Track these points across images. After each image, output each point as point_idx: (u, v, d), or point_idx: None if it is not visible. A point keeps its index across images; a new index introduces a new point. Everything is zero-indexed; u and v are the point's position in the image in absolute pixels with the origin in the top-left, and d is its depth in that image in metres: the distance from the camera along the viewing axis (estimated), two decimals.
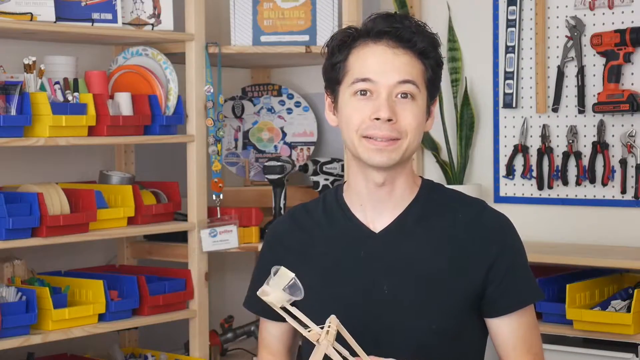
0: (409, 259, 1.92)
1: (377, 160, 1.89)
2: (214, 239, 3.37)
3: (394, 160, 1.89)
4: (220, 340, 3.65)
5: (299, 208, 2.08)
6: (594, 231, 3.41)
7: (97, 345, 3.46)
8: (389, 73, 1.89)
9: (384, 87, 1.88)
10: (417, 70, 1.90)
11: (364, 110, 1.89)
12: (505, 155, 3.60)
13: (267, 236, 2.10)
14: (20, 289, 2.94)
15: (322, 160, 3.68)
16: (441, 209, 1.97)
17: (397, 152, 1.89)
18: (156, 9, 3.36)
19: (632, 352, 2.98)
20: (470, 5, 3.66)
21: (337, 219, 2.00)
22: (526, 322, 1.96)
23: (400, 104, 1.89)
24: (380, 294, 1.91)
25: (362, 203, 1.97)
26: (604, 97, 3.31)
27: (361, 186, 1.96)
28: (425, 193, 1.98)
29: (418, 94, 1.90)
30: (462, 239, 1.93)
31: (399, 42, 1.89)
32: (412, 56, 1.90)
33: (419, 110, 1.91)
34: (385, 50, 1.90)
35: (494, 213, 1.99)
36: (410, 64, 1.89)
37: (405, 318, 1.90)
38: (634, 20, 3.31)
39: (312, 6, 3.53)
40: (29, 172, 3.32)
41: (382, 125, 1.87)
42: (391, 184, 1.94)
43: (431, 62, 1.92)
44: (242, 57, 3.65)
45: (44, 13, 3.06)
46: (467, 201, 2.00)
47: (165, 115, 3.31)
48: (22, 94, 2.91)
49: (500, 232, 1.95)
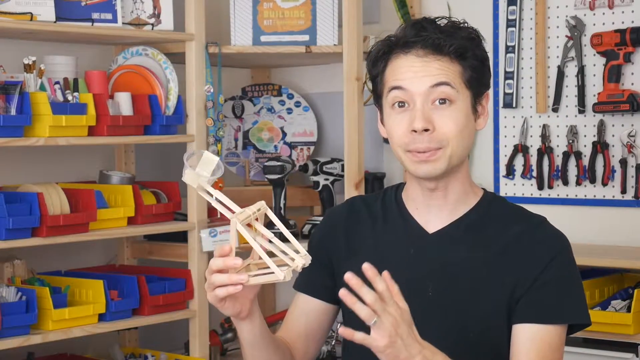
0: (457, 264, 1.90)
1: (422, 172, 1.88)
2: (214, 239, 3.37)
3: (440, 169, 1.87)
4: (220, 340, 3.65)
5: (358, 199, 2.08)
6: (594, 231, 3.41)
7: (97, 345, 3.46)
8: (420, 79, 1.86)
9: (418, 95, 1.86)
10: (452, 73, 1.87)
11: (403, 123, 1.87)
12: (505, 155, 3.60)
13: (324, 219, 2.11)
14: (20, 289, 2.94)
15: (322, 160, 3.68)
16: (498, 220, 1.94)
17: (441, 161, 1.87)
18: (156, 8, 3.36)
19: (632, 352, 2.98)
20: (470, 5, 3.66)
21: (394, 216, 1.99)
22: (548, 341, 1.87)
23: (437, 110, 1.86)
24: (424, 294, 1.89)
25: (418, 207, 1.96)
26: (604, 97, 3.31)
27: (416, 192, 1.96)
28: (484, 204, 1.96)
29: (457, 96, 1.87)
30: (513, 251, 1.88)
31: (427, 50, 1.87)
32: (445, 61, 1.87)
33: (460, 113, 1.87)
34: (415, 60, 1.88)
35: (551, 229, 1.95)
36: (442, 68, 1.87)
37: (444, 322, 1.88)
38: (634, 20, 3.31)
39: (312, 6, 3.53)
40: (29, 172, 3.32)
41: (420, 137, 1.85)
42: (444, 189, 1.92)
43: (470, 61, 1.89)
44: (242, 57, 3.64)
45: (44, 13, 3.06)
46: (526, 215, 1.97)
47: (165, 115, 3.31)
48: (22, 93, 2.91)
49: (553, 248, 1.89)
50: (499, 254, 1.89)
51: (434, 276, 1.91)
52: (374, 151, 3.81)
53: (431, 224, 1.95)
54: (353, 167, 3.49)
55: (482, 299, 1.87)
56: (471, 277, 1.89)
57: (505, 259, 1.89)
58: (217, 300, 1.77)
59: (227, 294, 1.74)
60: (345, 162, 3.51)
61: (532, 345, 1.86)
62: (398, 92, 1.88)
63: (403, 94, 1.88)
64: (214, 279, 1.74)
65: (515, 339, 1.88)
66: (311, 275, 2.01)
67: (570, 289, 1.91)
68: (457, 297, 1.89)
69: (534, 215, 1.97)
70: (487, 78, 1.95)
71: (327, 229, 2.06)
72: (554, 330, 1.88)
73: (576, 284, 1.93)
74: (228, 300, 1.78)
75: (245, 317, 1.84)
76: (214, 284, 1.74)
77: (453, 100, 1.87)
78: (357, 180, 3.49)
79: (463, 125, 1.88)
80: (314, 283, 2.03)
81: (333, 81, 3.80)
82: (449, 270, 1.91)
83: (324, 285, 2.02)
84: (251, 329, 1.87)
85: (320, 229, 2.09)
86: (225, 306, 1.80)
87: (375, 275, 1.63)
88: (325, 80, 3.94)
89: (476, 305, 1.88)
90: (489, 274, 1.88)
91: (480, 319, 1.88)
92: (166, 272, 3.41)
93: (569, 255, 1.93)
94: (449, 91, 1.86)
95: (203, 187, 1.71)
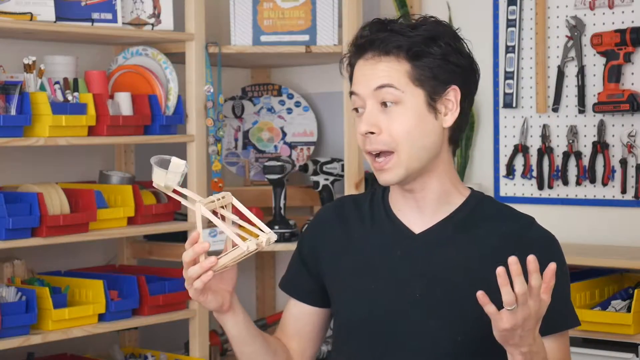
0: (444, 265, 1.89)
1: (381, 180, 1.89)
2: (214, 239, 3.37)
3: (399, 175, 1.87)
4: (220, 340, 3.64)
5: (347, 198, 2.08)
6: (594, 231, 3.41)
7: (97, 345, 3.46)
8: (367, 82, 1.87)
9: (366, 98, 1.87)
10: (397, 73, 1.85)
11: (359, 127, 1.89)
12: (506, 155, 3.60)
13: (313, 218, 2.11)
14: (20, 289, 2.94)
15: (322, 160, 3.68)
16: (486, 220, 1.93)
17: (399, 166, 1.86)
18: (156, 8, 3.36)
19: (632, 352, 2.98)
20: (470, 5, 3.66)
21: (380, 216, 1.98)
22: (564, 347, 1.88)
23: (385, 113, 1.86)
24: (412, 295, 1.89)
25: (400, 208, 1.96)
26: (604, 97, 3.31)
27: (396, 194, 1.96)
28: (472, 203, 1.95)
29: (404, 97, 1.85)
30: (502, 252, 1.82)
31: (374, 52, 1.88)
32: (391, 61, 1.86)
33: (410, 112, 1.85)
34: (364, 64, 1.89)
35: (541, 230, 1.93)
36: (387, 69, 1.86)
37: (432, 323, 1.88)
38: (634, 20, 3.31)
39: (312, 6, 3.53)
40: (29, 172, 3.32)
41: (368, 139, 1.87)
42: (422, 190, 1.92)
43: (423, 59, 1.86)
44: (242, 57, 3.64)
45: (43, 13, 3.06)
46: (515, 215, 1.95)
47: (165, 115, 3.31)
48: (22, 93, 2.91)
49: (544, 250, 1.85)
50: (488, 253, 1.88)
51: (421, 277, 1.90)
52: None
53: (416, 225, 1.94)
54: (353, 167, 3.49)
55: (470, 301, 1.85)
56: (459, 278, 1.88)
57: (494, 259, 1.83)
58: (198, 294, 1.82)
59: (203, 284, 1.78)
60: (345, 162, 3.51)
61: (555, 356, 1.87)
62: (354, 97, 1.90)
63: (357, 99, 1.90)
64: (189, 273, 1.79)
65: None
66: (298, 279, 2.04)
67: (566, 294, 1.92)
68: (445, 298, 1.88)
69: (523, 215, 1.96)
70: (451, 73, 1.88)
71: (316, 228, 2.06)
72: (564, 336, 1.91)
73: (568, 287, 1.94)
74: (209, 294, 1.84)
75: (227, 309, 1.88)
76: (190, 278, 1.79)
77: (398, 102, 1.86)
78: (357, 180, 3.49)
79: (412, 126, 1.86)
80: (302, 288, 2.04)
81: (333, 81, 3.79)
82: (436, 272, 1.90)
83: (310, 290, 2.03)
84: (235, 323, 1.91)
85: (309, 229, 2.09)
86: (208, 300, 1.85)
87: (536, 270, 1.65)
88: (325, 80, 3.94)
89: (464, 308, 1.87)
90: (477, 274, 1.86)
91: (468, 323, 1.86)
92: (166, 272, 3.41)
93: (560, 258, 1.91)
94: (392, 92, 1.86)
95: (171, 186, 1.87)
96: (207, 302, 1.85)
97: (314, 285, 2.02)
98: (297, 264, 2.06)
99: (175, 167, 1.89)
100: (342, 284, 1.96)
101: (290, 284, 2.07)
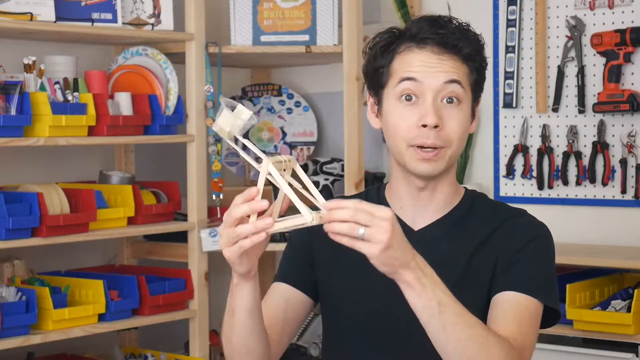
0: (443, 260, 1.88)
1: (422, 170, 1.87)
2: (213, 239, 3.37)
3: (439, 169, 1.87)
4: (220, 340, 3.64)
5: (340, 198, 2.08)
6: (594, 231, 3.41)
7: (97, 345, 3.46)
8: (435, 74, 1.85)
9: (430, 90, 1.85)
10: (462, 73, 1.88)
11: (411, 118, 1.85)
12: (506, 155, 3.60)
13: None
14: (20, 289, 2.94)
15: (322, 160, 3.68)
16: (482, 217, 1.94)
17: (442, 161, 1.86)
18: (156, 8, 3.36)
19: (632, 352, 2.98)
20: (470, 5, 3.66)
21: None
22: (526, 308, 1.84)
23: (446, 109, 1.86)
24: None
25: (402, 206, 1.95)
26: (604, 97, 3.31)
27: (403, 190, 1.95)
28: (468, 201, 1.96)
29: (464, 97, 1.87)
30: (496, 243, 1.89)
31: (443, 48, 1.87)
32: (457, 60, 1.88)
33: (464, 115, 1.88)
34: (430, 56, 1.87)
35: (533, 219, 1.95)
36: (455, 67, 1.87)
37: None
38: (634, 20, 3.31)
39: (312, 6, 3.53)
40: (29, 172, 3.32)
41: (429, 132, 1.84)
42: (433, 189, 1.92)
43: (476, 64, 1.90)
44: (242, 57, 3.64)
45: (43, 13, 3.06)
46: (509, 210, 1.97)
47: (165, 115, 3.31)
48: (22, 93, 2.91)
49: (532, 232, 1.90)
50: (481, 243, 1.90)
51: None
52: (374, 151, 3.81)
53: (415, 222, 1.94)
54: (353, 167, 3.48)
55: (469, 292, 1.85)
56: (456, 271, 1.89)
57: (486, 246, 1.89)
58: (237, 255, 1.68)
59: (252, 244, 1.64)
60: (345, 162, 3.51)
61: (510, 309, 1.83)
62: (409, 83, 1.86)
63: (414, 86, 1.86)
64: (239, 230, 1.65)
65: (493, 307, 1.85)
66: (294, 268, 2.01)
67: (546, 270, 1.91)
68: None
69: (515, 208, 1.98)
70: (483, 84, 1.96)
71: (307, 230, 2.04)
72: (532, 302, 1.85)
73: (551, 269, 1.93)
74: (245, 256, 1.71)
75: (253, 276, 1.77)
76: (239, 236, 1.65)
77: (461, 100, 1.87)
78: (357, 180, 3.49)
79: (465, 127, 1.88)
80: (298, 276, 2.01)
81: (333, 81, 3.79)
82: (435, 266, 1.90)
83: (307, 279, 2.00)
84: (253, 291, 1.80)
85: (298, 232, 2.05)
86: (243, 262, 1.72)
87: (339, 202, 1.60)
88: (325, 80, 3.94)
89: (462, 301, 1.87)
90: (472, 266, 1.88)
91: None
92: (166, 272, 3.41)
93: (547, 241, 1.93)
94: (459, 90, 1.86)
95: (234, 134, 1.67)
96: (241, 265, 1.73)
97: (308, 276, 2.00)
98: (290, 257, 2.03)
99: (240, 113, 1.67)
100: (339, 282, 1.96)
101: (284, 272, 2.01)
